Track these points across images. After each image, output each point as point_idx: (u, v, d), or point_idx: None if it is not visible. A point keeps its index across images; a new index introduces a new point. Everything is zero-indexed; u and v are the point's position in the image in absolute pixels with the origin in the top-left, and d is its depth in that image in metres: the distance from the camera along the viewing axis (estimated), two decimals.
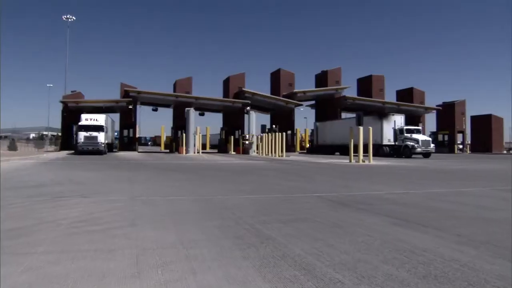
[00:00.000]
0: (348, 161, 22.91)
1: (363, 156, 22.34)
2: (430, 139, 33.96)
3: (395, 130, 34.08)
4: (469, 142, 54.98)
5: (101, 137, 31.10)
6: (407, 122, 37.40)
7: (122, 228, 4.58)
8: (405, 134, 33.02)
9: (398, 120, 34.89)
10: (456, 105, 52.83)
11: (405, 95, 52.89)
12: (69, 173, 12.72)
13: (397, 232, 4.45)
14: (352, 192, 8.38)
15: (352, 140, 23.22)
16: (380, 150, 33.53)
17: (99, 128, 31.62)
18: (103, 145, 31.09)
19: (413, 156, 31.96)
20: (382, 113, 38.94)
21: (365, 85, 52.43)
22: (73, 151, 31.22)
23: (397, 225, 4.82)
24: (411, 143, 31.99)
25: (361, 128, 22.51)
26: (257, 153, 38.42)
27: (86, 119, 32.60)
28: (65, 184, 9.43)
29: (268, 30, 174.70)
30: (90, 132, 31.04)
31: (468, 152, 52.04)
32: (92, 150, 30.46)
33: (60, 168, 15.16)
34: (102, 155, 29.87)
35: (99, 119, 32.89)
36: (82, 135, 31.00)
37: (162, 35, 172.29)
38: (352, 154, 23.05)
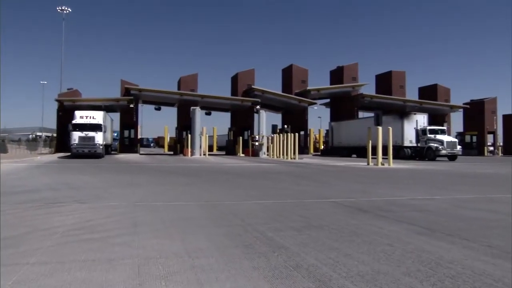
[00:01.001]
0: (366, 164, 22.80)
1: (382, 158, 22.21)
2: (456, 140, 33.55)
3: (417, 131, 33.78)
4: (501, 143, 54.06)
5: (98, 137, 29.17)
6: (430, 122, 37.03)
7: (122, 236, 4.61)
8: (429, 135, 32.69)
9: (421, 119, 34.57)
10: (486, 103, 52.01)
11: (429, 92, 52.35)
12: (64, 177, 12.86)
13: (420, 241, 4.39)
14: (371, 197, 8.33)
15: (370, 142, 23.10)
16: (400, 152, 33.26)
17: (96, 127, 29.53)
18: (101, 146, 29.33)
19: (438, 158, 31.62)
20: (403, 112, 38.60)
21: (384, 81, 52.04)
22: (69, 154, 30.17)
23: (421, 234, 4.76)
24: (435, 145, 31.65)
25: (379, 128, 22.37)
26: (267, 155, 38.46)
27: (81, 116, 30.23)
28: (60, 189, 9.53)
29: (279, 22, 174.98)
30: (86, 132, 29.08)
31: (500, 154, 51.22)
32: (88, 153, 28.77)
33: (55, 172, 15.33)
34: (100, 158, 28.60)
35: (96, 116, 30.58)
36: (76, 135, 28.96)
37: (166, 29, 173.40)
38: (370, 156, 22.95)
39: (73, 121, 29.90)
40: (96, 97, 42.58)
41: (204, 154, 38.01)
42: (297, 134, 34.88)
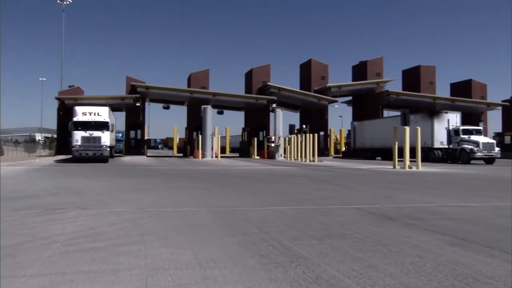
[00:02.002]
0: (391, 167, 22.61)
1: (410, 161, 21.97)
2: (494, 141, 32.84)
3: (449, 131, 33.25)
4: None
5: (105, 138, 27.12)
6: (464, 121, 36.36)
7: (128, 244, 4.65)
8: (462, 136, 32.12)
9: (453, 118, 34.02)
10: None
11: (462, 88, 51.50)
12: (65, 181, 13.09)
13: (454, 253, 4.31)
14: (398, 203, 8.25)
15: (397, 143, 22.87)
16: (430, 155, 32.78)
17: (102, 126, 27.39)
18: (108, 148, 27.39)
19: (472, 162, 31.03)
20: (432, 110, 38.04)
21: (412, 77, 51.45)
22: (70, 156, 28.82)
23: (454, 245, 4.67)
24: (470, 146, 31.06)
25: (407, 128, 22.13)
26: (284, 157, 38.44)
27: (84, 113, 27.87)
28: (61, 194, 9.69)
29: (296, 14, 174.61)
30: (90, 131, 26.92)
31: None
32: (93, 156, 26.77)
33: (55, 176, 15.60)
34: (106, 162, 27.05)
35: (102, 113, 28.30)
36: (78, 135, 26.77)
37: (174, 22, 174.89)
38: (396, 159, 22.75)
39: (74, 119, 27.57)
40: (100, 95, 42.97)
41: (216, 156, 38.18)
42: (316, 134, 34.75)
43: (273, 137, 40.47)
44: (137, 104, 43.12)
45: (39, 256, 4.10)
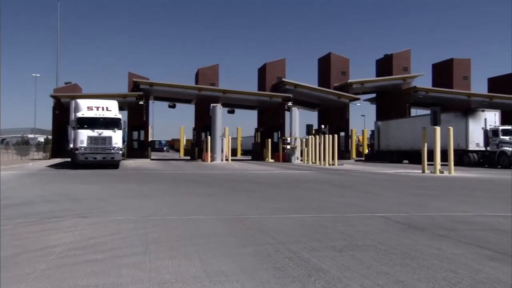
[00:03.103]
0: (420, 171, 22.42)
1: (441, 165, 21.78)
2: None
3: (486, 131, 32.79)
4: None
5: (116, 138, 24.21)
6: (504, 121, 35.78)
7: (131, 256, 4.68)
8: (502, 137, 31.61)
9: (491, 117, 33.53)
10: None
11: (502, 84, 50.55)
12: (62, 187, 13.24)
13: (494, 269, 4.24)
14: (428, 212, 8.18)
15: (426, 145, 22.66)
16: (464, 158, 32.38)
17: (113, 123, 24.48)
18: (120, 151, 24.69)
19: None
20: (467, 108, 37.55)
21: (444, 72, 50.87)
22: (69, 160, 26.96)
23: (494, 260, 4.60)
24: (511, 149, 30.58)
25: (437, 128, 21.90)
26: (301, 160, 38.45)
27: (90, 107, 24.94)
28: (57, 201, 9.80)
29: (313, 2, 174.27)
30: (99, 130, 23.83)
31: None
32: (102, 161, 23.75)
33: (51, 181, 15.79)
34: (117, 168, 24.48)
35: (111, 107, 25.63)
36: (84, 135, 23.58)
37: (181, 13, 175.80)
38: (425, 162, 22.59)
39: (79, 114, 24.38)
40: (100, 92, 43.30)
41: (227, 160, 38.28)
42: (336, 135, 34.56)
43: (288, 138, 40.44)
44: (140, 103, 43.34)
45: (33, 270, 4.12)
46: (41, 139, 74.14)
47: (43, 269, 4.15)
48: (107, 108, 25.20)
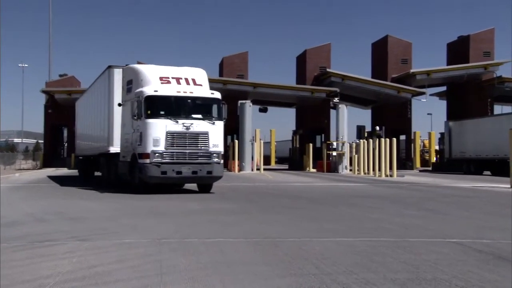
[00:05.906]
0: (508, 186, 21.78)
1: None
2: None
3: None
4: None
5: (216, 135, 17.29)
6: None
7: None
8: None
9: None
10: None
11: None
12: (57, 203, 13.45)
13: None
14: None
15: None
16: None
17: (208, 109, 17.89)
18: (222, 160, 17.44)
19: None
20: None
21: None
22: (65, 169, 23.95)
23: None
24: None
25: None
26: (350, 170, 38.14)
27: (165, 78, 17.48)
28: (51, 220, 9.96)
29: None
30: (185, 121, 16.57)
31: None
32: (192, 176, 16.81)
33: (42, 196, 15.97)
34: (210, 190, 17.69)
35: (200, 78, 18.52)
36: (160, 129, 16.30)
37: None
38: None
39: (147, 91, 16.69)
40: None
41: (258, 169, 38.40)
42: (395, 139, 34.11)
43: (334, 143, 40.20)
44: None
45: None
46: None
47: None
48: (194, 81, 17.91)
